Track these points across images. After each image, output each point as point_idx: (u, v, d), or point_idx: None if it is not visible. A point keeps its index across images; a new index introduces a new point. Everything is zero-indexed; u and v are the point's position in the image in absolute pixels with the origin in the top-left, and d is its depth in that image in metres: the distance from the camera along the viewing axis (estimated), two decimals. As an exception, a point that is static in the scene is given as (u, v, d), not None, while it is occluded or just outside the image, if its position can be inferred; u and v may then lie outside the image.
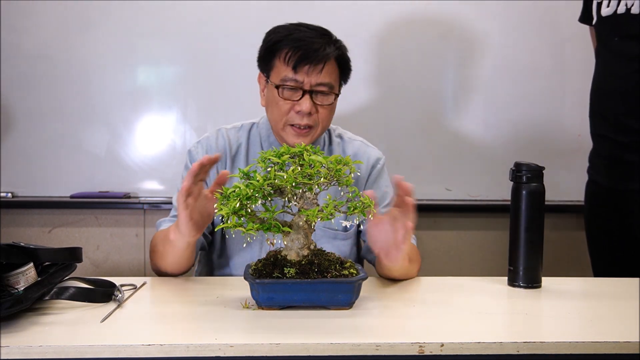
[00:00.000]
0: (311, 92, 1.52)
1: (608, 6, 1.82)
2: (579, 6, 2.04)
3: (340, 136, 1.71)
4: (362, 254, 1.68)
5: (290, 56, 1.50)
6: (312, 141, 1.58)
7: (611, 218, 1.89)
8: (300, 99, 1.52)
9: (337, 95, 1.57)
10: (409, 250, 1.39)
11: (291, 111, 1.54)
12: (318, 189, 1.20)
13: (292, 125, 1.54)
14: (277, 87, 1.53)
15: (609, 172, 1.89)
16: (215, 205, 1.18)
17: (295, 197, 1.20)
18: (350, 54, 1.61)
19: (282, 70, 1.52)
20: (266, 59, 1.57)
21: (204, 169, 1.32)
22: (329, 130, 1.70)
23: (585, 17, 1.97)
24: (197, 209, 1.32)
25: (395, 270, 1.38)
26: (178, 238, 1.35)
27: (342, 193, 1.24)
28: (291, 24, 1.57)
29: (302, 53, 1.49)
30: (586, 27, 2.02)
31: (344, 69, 1.59)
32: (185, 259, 1.43)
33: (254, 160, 1.60)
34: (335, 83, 1.56)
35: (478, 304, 1.26)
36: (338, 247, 1.61)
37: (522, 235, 1.39)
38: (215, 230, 1.62)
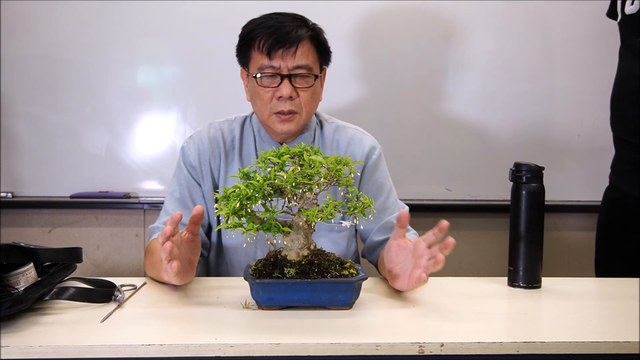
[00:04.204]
0: (290, 77, 1.53)
1: (632, 4, 1.78)
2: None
3: (333, 124, 1.69)
4: (363, 253, 1.67)
5: (264, 43, 1.52)
6: (299, 127, 1.58)
7: (627, 225, 1.85)
8: (280, 84, 1.53)
9: (317, 77, 1.57)
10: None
11: (273, 99, 1.54)
12: (318, 189, 1.20)
13: (277, 113, 1.55)
14: (255, 76, 1.54)
15: (631, 177, 1.83)
16: (215, 205, 1.18)
17: (295, 197, 1.20)
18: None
19: (259, 59, 1.54)
20: (243, 51, 1.59)
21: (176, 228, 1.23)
22: (320, 120, 1.69)
23: (611, 12, 1.92)
24: (185, 260, 1.27)
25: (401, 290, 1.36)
26: (172, 282, 1.30)
27: (341, 193, 1.24)
28: (265, 14, 1.59)
29: (274, 38, 1.51)
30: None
31: (321, 50, 1.59)
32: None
33: (248, 153, 1.63)
34: (313, 65, 1.55)
35: (478, 304, 1.26)
36: (334, 240, 1.61)
37: (522, 235, 1.38)
38: (215, 230, 1.62)
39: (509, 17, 2.35)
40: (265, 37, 1.52)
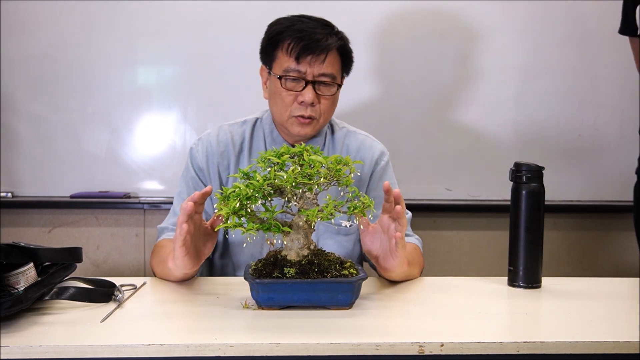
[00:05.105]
0: (314, 83, 1.53)
1: None
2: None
3: (344, 129, 1.71)
4: (364, 256, 1.67)
5: (293, 47, 1.51)
6: (315, 132, 1.59)
7: None
8: (303, 89, 1.53)
9: (339, 86, 1.58)
10: (407, 254, 1.39)
11: (294, 102, 1.54)
12: (318, 189, 1.20)
13: (295, 116, 1.55)
14: (279, 78, 1.54)
15: None
16: (215, 205, 1.18)
17: (295, 197, 1.20)
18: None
19: (285, 61, 1.53)
20: (268, 51, 1.58)
21: (197, 204, 1.27)
22: (332, 124, 1.71)
23: (625, 28, 1.98)
24: (194, 244, 1.29)
25: (395, 275, 1.38)
26: (175, 268, 1.32)
27: (342, 193, 1.24)
28: (293, 16, 1.58)
29: (304, 43, 1.50)
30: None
31: (345, 60, 1.60)
32: (186, 278, 1.41)
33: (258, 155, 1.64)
34: (337, 74, 1.57)
35: (478, 304, 1.26)
36: (340, 243, 1.61)
37: (522, 235, 1.38)
38: (216, 230, 1.62)
39: (509, 18, 2.35)
40: (295, 41, 1.51)
